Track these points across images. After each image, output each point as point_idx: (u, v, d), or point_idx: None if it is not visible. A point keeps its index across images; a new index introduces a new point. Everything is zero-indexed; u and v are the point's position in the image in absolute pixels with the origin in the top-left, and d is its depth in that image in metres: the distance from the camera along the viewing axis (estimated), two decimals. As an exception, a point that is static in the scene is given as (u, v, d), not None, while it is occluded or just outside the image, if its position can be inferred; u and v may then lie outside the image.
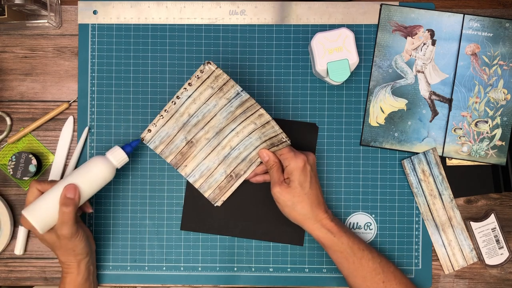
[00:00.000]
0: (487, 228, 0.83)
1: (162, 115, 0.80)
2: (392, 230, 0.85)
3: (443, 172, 0.84)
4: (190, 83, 0.77)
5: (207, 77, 0.76)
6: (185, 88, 0.78)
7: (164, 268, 0.84)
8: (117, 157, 0.77)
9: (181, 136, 0.81)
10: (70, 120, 0.85)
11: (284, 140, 0.75)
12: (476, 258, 0.84)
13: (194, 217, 0.84)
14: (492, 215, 0.83)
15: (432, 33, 0.84)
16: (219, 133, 0.80)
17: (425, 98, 0.84)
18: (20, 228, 0.84)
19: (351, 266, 0.75)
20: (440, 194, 0.84)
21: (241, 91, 0.75)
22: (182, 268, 0.84)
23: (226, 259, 0.84)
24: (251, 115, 0.77)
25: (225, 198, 0.83)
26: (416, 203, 0.84)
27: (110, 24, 0.85)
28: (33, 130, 0.85)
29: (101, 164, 0.75)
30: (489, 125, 0.84)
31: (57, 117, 0.85)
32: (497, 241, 0.84)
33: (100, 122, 0.85)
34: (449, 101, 0.84)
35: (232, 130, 0.80)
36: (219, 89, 0.76)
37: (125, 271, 0.84)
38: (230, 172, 0.82)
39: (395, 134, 0.84)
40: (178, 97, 0.78)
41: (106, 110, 0.85)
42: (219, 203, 0.83)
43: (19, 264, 0.85)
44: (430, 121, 0.84)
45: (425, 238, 0.84)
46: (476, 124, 0.84)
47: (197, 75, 0.76)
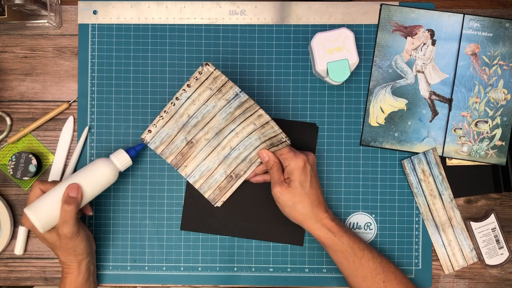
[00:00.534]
0: (487, 228, 0.83)
1: (162, 116, 0.80)
2: (392, 230, 0.85)
3: (443, 172, 0.84)
4: (189, 85, 0.77)
5: (206, 79, 0.76)
6: (184, 90, 0.78)
7: (164, 268, 0.84)
8: (121, 160, 0.77)
9: (181, 136, 0.81)
10: (70, 120, 0.85)
11: (284, 140, 0.75)
12: (476, 258, 0.84)
13: (194, 217, 0.84)
14: (492, 215, 0.83)
15: (432, 33, 0.84)
16: (219, 133, 0.80)
17: (425, 98, 0.84)
18: (20, 228, 0.84)
19: (351, 266, 0.75)
20: (440, 194, 0.84)
21: (240, 92, 0.75)
22: (182, 268, 0.84)
23: (226, 259, 0.84)
24: (251, 115, 0.77)
25: (225, 199, 0.83)
26: (416, 203, 0.84)
27: (110, 24, 0.85)
28: (33, 130, 0.85)
29: (104, 166, 0.76)
30: (489, 125, 0.84)
31: (57, 117, 0.85)
32: (497, 241, 0.84)
33: (100, 122, 0.85)
34: (449, 101, 0.84)
35: (232, 130, 0.79)
36: (217, 90, 0.76)
37: (125, 271, 0.84)
38: (230, 173, 0.82)
39: (395, 134, 0.84)
40: (177, 99, 0.78)
41: (106, 110, 0.85)
42: (219, 204, 0.83)
43: (19, 264, 0.85)
44: (430, 121, 0.84)
45: (425, 238, 0.84)
46: (476, 124, 0.84)
47: (196, 77, 0.76)
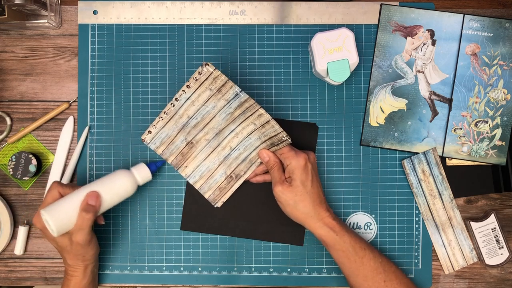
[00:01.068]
0: (487, 228, 0.83)
1: (161, 117, 0.80)
2: (392, 230, 0.85)
3: (443, 172, 0.84)
4: (188, 85, 0.77)
5: (205, 79, 0.76)
6: (184, 91, 0.77)
7: (164, 268, 0.84)
8: (142, 174, 0.77)
9: (181, 137, 0.81)
10: (70, 120, 0.85)
11: (284, 139, 0.75)
12: (476, 258, 0.84)
13: (194, 217, 0.84)
14: (492, 215, 0.83)
15: (432, 33, 0.84)
16: (219, 134, 0.80)
17: (425, 98, 0.84)
18: (20, 228, 0.84)
19: (352, 265, 0.75)
20: (440, 194, 0.84)
21: (240, 92, 0.75)
22: (182, 268, 0.84)
23: (226, 259, 0.84)
24: (251, 115, 0.77)
25: (225, 199, 0.83)
26: (416, 203, 0.84)
27: (110, 24, 0.85)
28: (33, 130, 0.85)
29: (125, 178, 0.76)
30: (489, 125, 0.84)
31: (57, 117, 0.85)
32: (497, 241, 0.84)
33: (100, 122, 0.85)
34: (449, 101, 0.84)
35: (232, 131, 0.79)
36: (217, 90, 0.76)
37: (125, 271, 0.84)
38: (230, 173, 0.82)
39: (395, 134, 0.84)
40: (176, 99, 0.78)
41: (106, 110, 0.85)
42: (219, 204, 0.83)
43: (19, 264, 0.85)
44: (430, 121, 0.84)
45: (425, 238, 0.84)
46: (476, 124, 0.84)
47: (195, 77, 0.76)
